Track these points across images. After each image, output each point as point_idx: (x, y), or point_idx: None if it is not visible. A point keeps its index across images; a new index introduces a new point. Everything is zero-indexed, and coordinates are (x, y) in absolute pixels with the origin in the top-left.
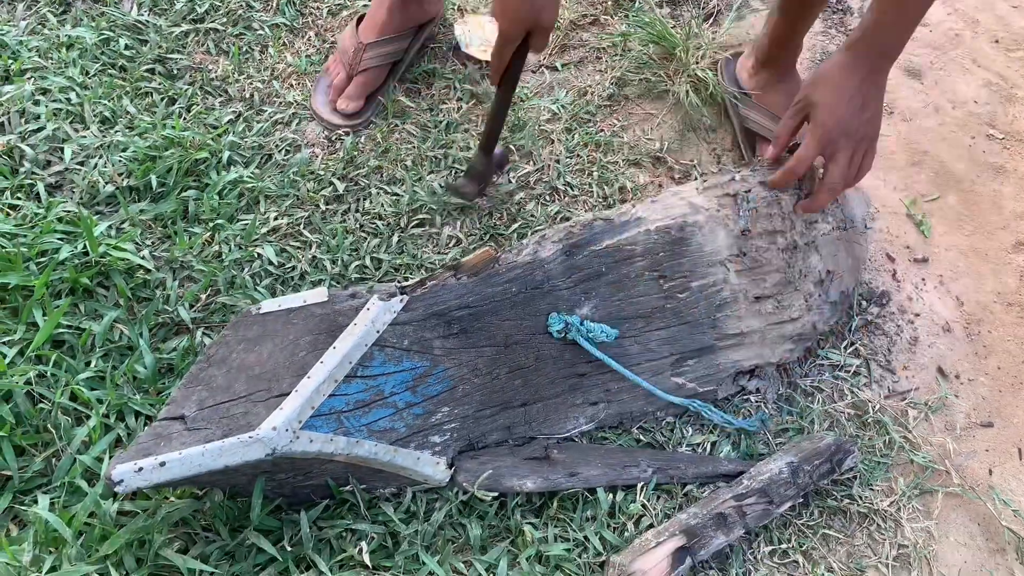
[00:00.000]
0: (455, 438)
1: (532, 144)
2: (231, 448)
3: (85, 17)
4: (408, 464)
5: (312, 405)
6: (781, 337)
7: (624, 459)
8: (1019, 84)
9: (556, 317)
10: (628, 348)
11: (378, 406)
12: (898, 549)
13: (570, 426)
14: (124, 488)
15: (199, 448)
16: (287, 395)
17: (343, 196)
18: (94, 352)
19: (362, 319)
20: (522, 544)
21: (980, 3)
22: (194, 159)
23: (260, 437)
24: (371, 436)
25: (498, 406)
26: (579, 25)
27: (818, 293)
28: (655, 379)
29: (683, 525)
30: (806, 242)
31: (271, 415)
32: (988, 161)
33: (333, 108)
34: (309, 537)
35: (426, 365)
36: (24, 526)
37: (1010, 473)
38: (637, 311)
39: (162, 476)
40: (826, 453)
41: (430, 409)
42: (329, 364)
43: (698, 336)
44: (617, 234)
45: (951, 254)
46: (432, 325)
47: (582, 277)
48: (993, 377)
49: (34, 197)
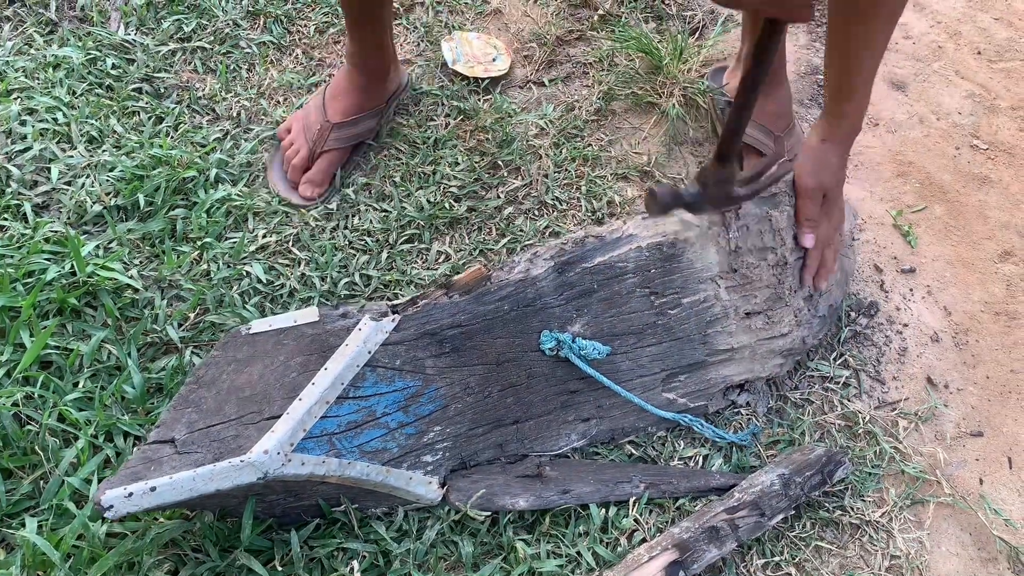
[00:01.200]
0: (447, 457)
1: (520, 159)
2: (222, 472)
3: (72, 37)
4: (400, 484)
5: (304, 427)
6: (771, 352)
7: (616, 475)
8: (1002, 95)
9: (548, 335)
10: (619, 364)
11: (370, 427)
12: (890, 560)
13: (562, 443)
14: (114, 514)
15: (190, 473)
16: (278, 417)
17: (332, 213)
18: (82, 373)
19: (354, 339)
20: (514, 561)
21: (962, 15)
22: (182, 178)
23: (252, 461)
24: (363, 457)
25: (490, 424)
26: (566, 41)
27: (807, 308)
28: (646, 395)
29: (675, 539)
30: (796, 258)
31: (263, 438)
32: (973, 171)
33: (294, 187)
34: (300, 557)
35: (418, 384)
36: (12, 550)
37: (1000, 482)
38: (629, 327)
39: (152, 501)
40: (817, 464)
41: (422, 429)
42: (321, 385)
43: (689, 352)
44: (609, 251)
45: (938, 264)
46: (424, 344)
47: (574, 294)
48: (982, 386)
49: (21, 217)
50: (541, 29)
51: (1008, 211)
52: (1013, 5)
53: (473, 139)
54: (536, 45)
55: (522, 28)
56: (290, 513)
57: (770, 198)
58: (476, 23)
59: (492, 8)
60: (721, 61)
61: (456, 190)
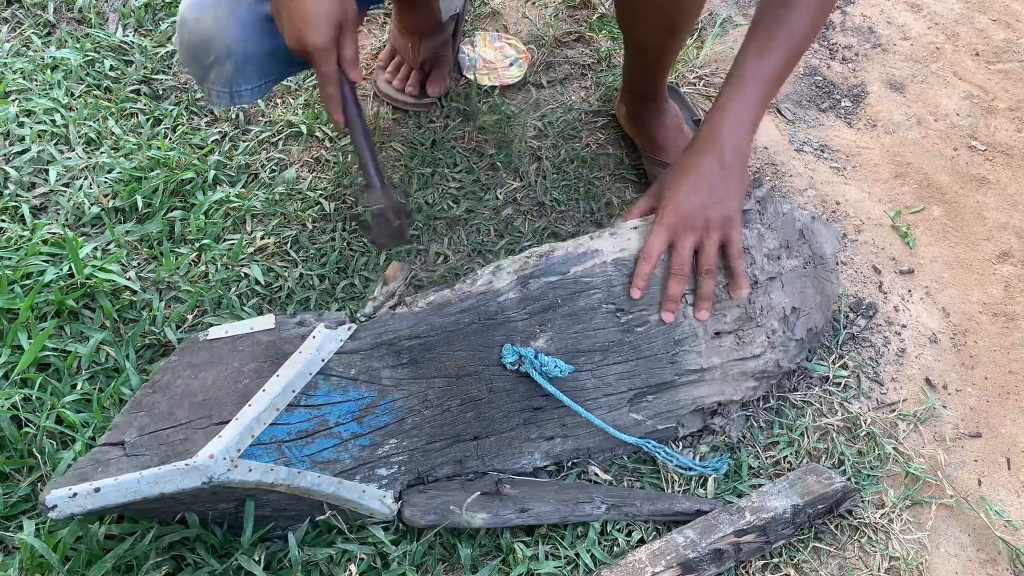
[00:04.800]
0: (403, 471)
1: (519, 160)
2: (167, 475)
3: (70, 39)
4: (353, 497)
5: (252, 433)
6: (743, 374)
7: (578, 495)
8: (1000, 96)
9: (510, 348)
10: (584, 382)
11: (322, 436)
12: (889, 561)
13: (524, 461)
14: (58, 513)
15: (135, 475)
16: (228, 423)
17: (330, 215)
18: (80, 375)
19: (307, 347)
20: (513, 562)
21: (959, 16)
22: (180, 179)
23: (196, 465)
24: (314, 467)
25: (449, 439)
26: (563, 42)
27: (782, 330)
28: (611, 415)
29: (681, 558)
30: (768, 278)
31: (209, 443)
32: (971, 172)
33: (401, 89)
34: (298, 560)
35: (373, 395)
36: (9, 552)
37: (999, 483)
38: (594, 344)
39: (96, 502)
40: (832, 498)
41: (377, 441)
42: (271, 392)
43: (657, 371)
44: (573, 265)
45: (936, 265)
46: (381, 355)
47: (537, 308)
48: (980, 387)
49: (19, 219)
50: (539, 30)
51: (1006, 212)
52: (1011, 6)
53: (472, 140)
54: (535, 46)
55: (520, 29)
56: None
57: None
58: (475, 24)
59: (491, 9)
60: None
61: (455, 191)
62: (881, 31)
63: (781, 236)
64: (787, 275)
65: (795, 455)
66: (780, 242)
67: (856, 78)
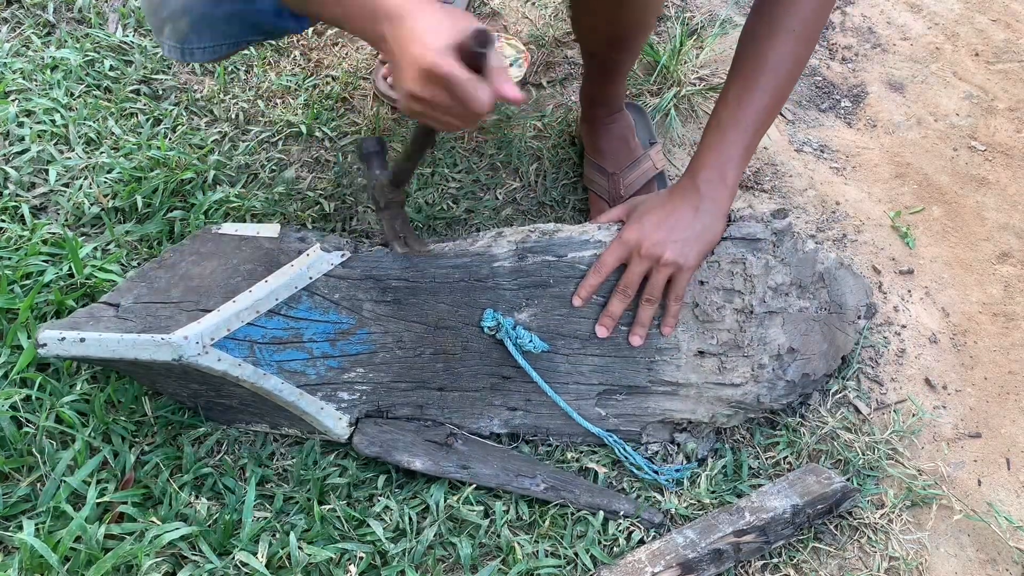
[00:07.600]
0: (364, 400)
1: (519, 160)
2: (143, 344)
3: (69, 39)
4: (311, 411)
5: (228, 327)
6: (718, 399)
7: (522, 467)
8: (999, 96)
9: (490, 313)
10: (558, 365)
11: (293, 347)
12: (889, 561)
13: (483, 423)
14: (45, 351)
15: (117, 335)
16: (211, 311)
17: (330, 215)
18: (79, 375)
19: (300, 262)
20: (512, 561)
21: (959, 17)
22: (180, 179)
23: (170, 341)
24: (280, 374)
25: (415, 383)
26: (563, 43)
27: (772, 367)
28: (578, 403)
29: (680, 558)
30: (767, 311)
31: (188, 325)
32: (971, 173)
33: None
34: (299, 561)
35: (351, 323)
36: (9, 552)
37: (998, 483)
38: (575, 331)
39: (80, 351)
40: (832, 498)
41: (345, 366)
42: (256, 295)
43: (631, 374)
44: (573, 250)
45: (936, 265)
46: (367, 287)
47: (528, 283)
48: (980, 388)
49: (19, 219)
50: (539, 30)
51: (1006, 212)
52: (1011, 6)
53: (472, 140)
54: (535, 46)
55: (520, 30)
56: (214, 407)
57: (751, 241)
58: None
59: (491, 9)
60: (721, 62)
61: (455, 191)
62: (881, 31)
63: (795, 273)
64: (792, 314)
65: (795, 455)
66: (792, 279)
67: (856, 78)
